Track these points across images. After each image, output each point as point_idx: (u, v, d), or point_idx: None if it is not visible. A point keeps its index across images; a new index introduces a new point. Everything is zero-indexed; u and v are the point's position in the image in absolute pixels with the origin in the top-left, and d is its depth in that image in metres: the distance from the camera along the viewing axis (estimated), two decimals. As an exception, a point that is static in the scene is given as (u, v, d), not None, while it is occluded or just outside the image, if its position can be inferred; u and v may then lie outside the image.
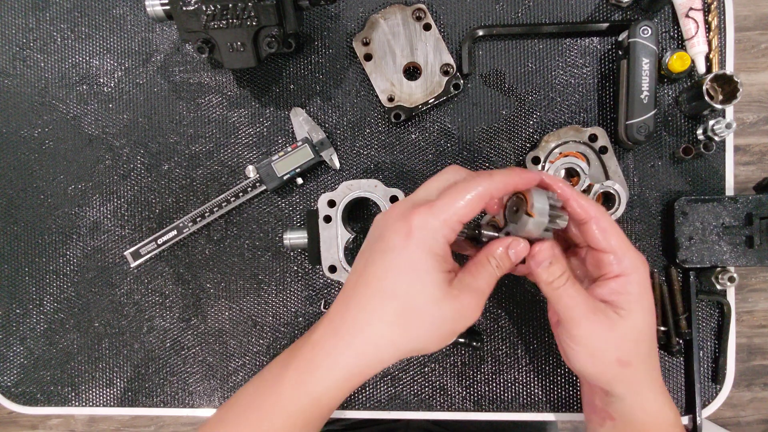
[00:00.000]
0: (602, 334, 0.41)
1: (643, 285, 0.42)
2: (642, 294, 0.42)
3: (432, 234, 0.37)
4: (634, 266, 0.41)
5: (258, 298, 0.61)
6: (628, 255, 0.41)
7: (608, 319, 0.41)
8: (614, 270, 0.42)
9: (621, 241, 0.42)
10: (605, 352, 0.42)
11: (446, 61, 0.57)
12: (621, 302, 0.41)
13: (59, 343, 0.62)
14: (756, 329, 1.51)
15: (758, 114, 1.51)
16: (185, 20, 0.51)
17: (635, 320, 0.41)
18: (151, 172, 0.61)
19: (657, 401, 0.44)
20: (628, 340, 0.42)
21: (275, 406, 0.40)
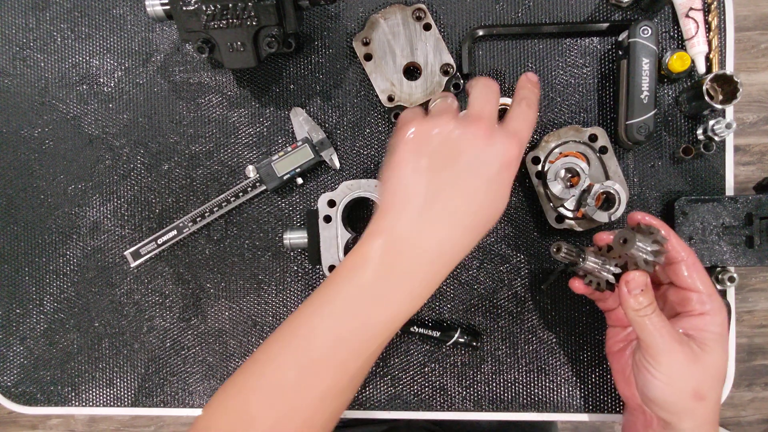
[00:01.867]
0: (684, 364, 0.43)
1: (724, 326, 0.44)
2: (723, 334, 0.44)
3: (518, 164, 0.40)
4: (719, 308, 0.44)
5: (258, 298, 0.61)
6: (713, 297, 0.45)
7: (692, 352, 0.43)
8: (699, 309, 0.45)
9: (708, 282, 0.45)
10: (684, 383, 0.43)
11: (446, 61, 0.57)
12: (704, 338, 0.44)
13: (59, 343, 0.62)
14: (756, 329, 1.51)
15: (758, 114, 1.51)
16: (185, 20, 0.51)
17: (716, 357, 0.43)
18: (151, 172, 0.61)
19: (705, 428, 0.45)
20: (708, 376, 0.43)
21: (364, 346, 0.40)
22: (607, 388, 0.59)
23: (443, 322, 0.60)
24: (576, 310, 0.59)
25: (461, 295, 0.59)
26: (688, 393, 0.43)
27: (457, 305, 0.59)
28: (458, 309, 0.60)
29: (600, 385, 0.59)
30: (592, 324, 0.59)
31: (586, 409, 0.59)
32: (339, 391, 0.40)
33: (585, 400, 0.59)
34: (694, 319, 0.45)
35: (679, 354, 0.42)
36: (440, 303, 0.60)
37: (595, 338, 0.59)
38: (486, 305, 0.59)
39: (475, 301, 0.59)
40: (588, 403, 0.59)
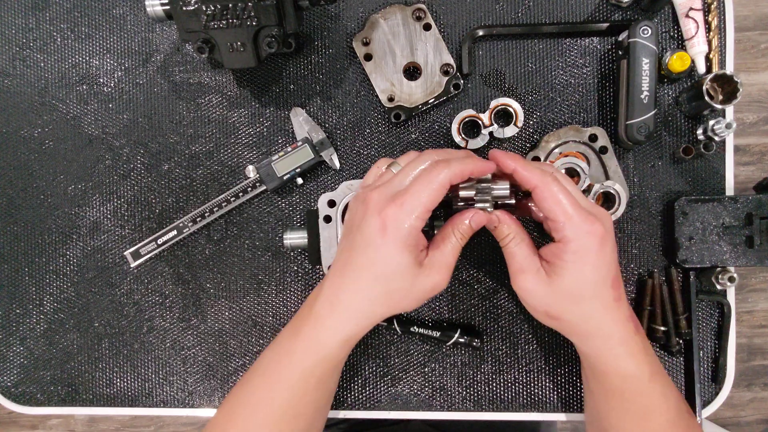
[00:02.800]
0: (531, 289, 0.46)
1: (580, 253, 0.44)
2: (576, 261, 0.44)
3: (405, 230, 0.43)
4: (573, 235, 0.43)
5: (258, 298, 0.61)
6: (570, 222, 0.43)
7: (537, 277, 0.46)
8: (557, 235, 0.44)
9: (562, 208, 0.43)
10: (535, 305, 0.47)
11: (446, 61, 0.57)
12: (555, 264, 0.45)
13: (59, 343, 0.62)
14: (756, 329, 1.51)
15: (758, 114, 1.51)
16: (185, 20, 0.51)
17: (564, 282, 0.44)
18: (151, 172, 0.61)
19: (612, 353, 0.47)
20: (556, 299, 0.45)
21: (290, 366, 0.48)
22: (607, 388, 0.59)
23: (443, 322, 0.60)
24: (576, 310, 0.59)
25: (461, 295, 0.59)
26: (541, 313, 0.48)
27: (457, 305, 0.59)
28: (458, 309, 0.60)
29: (600, 385, 0.59)
30: (592, 324, 0.59)
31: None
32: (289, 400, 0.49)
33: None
34: (552, 246, 0.45)
35: (524, 279, 0.46)
36: (440, 303, 0.60)
37: (595, 338, 0.59)
38: (486, 305, 0.59)
39: (475, 301, 0.59)
40: (588, 403, 0.59)
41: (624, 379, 0.47)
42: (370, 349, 0.60)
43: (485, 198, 0.46)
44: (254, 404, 0.49)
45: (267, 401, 0.49)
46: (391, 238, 0.43)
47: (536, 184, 0.44)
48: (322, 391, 0.50)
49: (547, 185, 0.43)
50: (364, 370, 0.60)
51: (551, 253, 0.45)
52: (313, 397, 0.49)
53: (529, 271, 0.46)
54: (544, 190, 0.43)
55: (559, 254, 0.44)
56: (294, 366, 0.48)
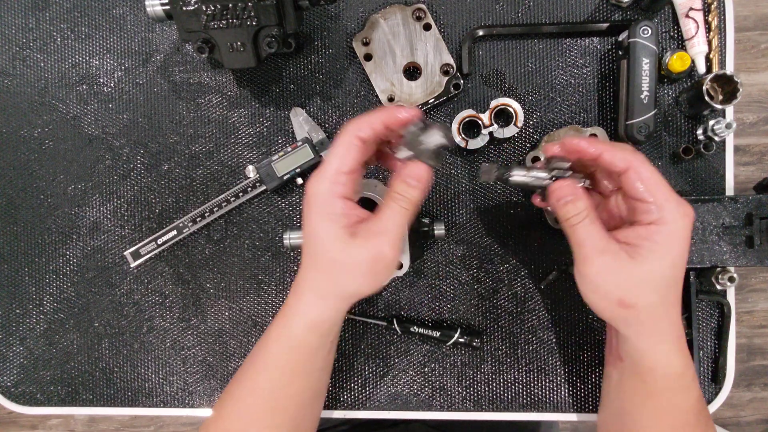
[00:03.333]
0: (608, 273, 0.42)
1: (674, 236, 0.41)
2: (669, 244, 0.41)
3: (323, 198, 0.42)
4: (671, 217, 0.41)
5: (258, 298, 0.61)
6: (664, 206, 0.41)
7: (617, 260, 0.42)
8: (646, 218, 0.42)
9: (660, 191, 0.42)
10: (609, 291, 0.43)
11: (446, 61, 0.57)
12: (642, 247, 0.42)
13: (59, 343, 0.62)
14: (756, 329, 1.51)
15: (758, 114, 1.51)
16: (185, 20, 0.51)
17: (650, 266, 0.41)
18: (151, 172, 0.61)
19: (663, 350, 0.44)
20: (636, 284, 0.42)
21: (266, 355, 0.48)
22: (607, 388, 0.59)
23: (443, 322, 0.60)
24: (576, 310, 0.59)
25: (461, 295, 0.59)
26: (612, 301, 0.43)
27: (457, 305, 0.59)
28: (458, 309, 0.60)
29: (600, 385, 0.59)
30: (592, 324, 0.59)
31: (585, 409, 0.59)
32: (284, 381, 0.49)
33: (585, 400, 0.59)
34: (640, 229, 0.43)
35: (602, 263, 0.42)
36: (440, 303, 0.60)
37: (595, 338, 0.59)
38: (486, 305, 0.59)
39: (475, 301, 0.59)
40: (588, 403, 0.59)
41: (672, 377, 0.45)
42: (370, 349, 0.60)
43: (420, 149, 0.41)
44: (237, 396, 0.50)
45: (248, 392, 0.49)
46: (312, 210, 0.42)
47: (630, 164, 0.42)
48: (300, 384, 0.49)
49: (644, 165, 0.42)
50: (364, 370, 0.60)
51: (636, 236, 0.42)
52: (293, 390, 0.49)
53: (609, 252, 0.42)
54: (641, 170, 0.42)
55: (650, 236, 0.42)
56: (269, 354, 0.48)
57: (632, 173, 0.42)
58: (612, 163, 0.43)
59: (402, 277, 0.59)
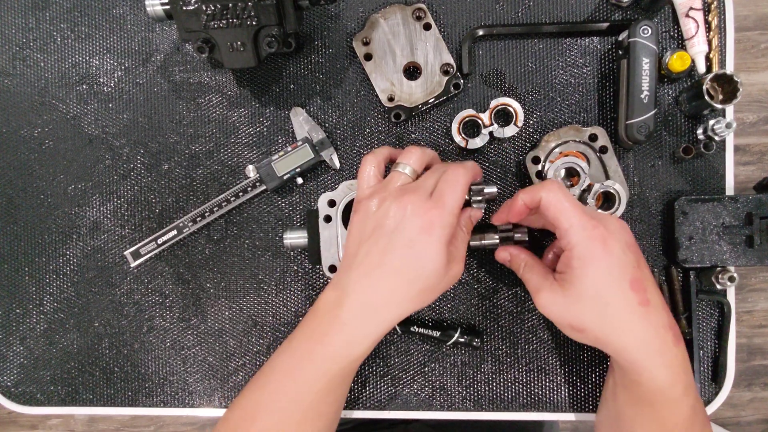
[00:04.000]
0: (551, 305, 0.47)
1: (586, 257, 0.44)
2: (583, 267, 0.44)
3: (448, 229, 0.45)
4: (576, 239, 0.44)
5: (258, 298, 0.61)
6: (572, 228, 0.44)
7: (553, 293, 0.46)
8: (563, 243, 0.45)
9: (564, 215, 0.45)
10: (558, 320, 0.47)
11: (446, 60, 0.57)
12: (567, 275, 0.45)
13: (59, 343, 0.62)
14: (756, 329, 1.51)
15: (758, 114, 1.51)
16: (185, 20, 0.51)
17: (577, 291, 0.45)
18: (151, 171, 0.61)
19: (644, 365, 0.45)
20: (575, 309, 0.45)
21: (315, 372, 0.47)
22: (607, 387, 0.59)
23: (443, 322, 0.60)
24: (576, 309, 0.59)
25: (461, 295, 0.59)
26: (566, 328, 0.47)
27: (457, 305, 0.59)
28: (458, 309, 0.60)
29: (600, 385, 0.59)
30: (592, 324, 0.59)
31: (586, 409, 0.59)
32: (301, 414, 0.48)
33: (585, 399, 0.59)
34: (563, 256, 0.46)
35: (542, 298, 0.47)
36: (440, 303, 0.60)
37: (595, 338, 0.59)
38: (486, 305, 0.59)
39: (475, 301, 0.59)
40: (588, 403, 0.59)
41: (657, 391, 0.45)
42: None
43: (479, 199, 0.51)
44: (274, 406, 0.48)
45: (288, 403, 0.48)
46: (436, 237, 0.45)
47: (541, 194, 0.45)
48: (344, 388, 0.50)
49: (551, 193, 0.45)
50: (364, 370, 0.60)
51: (562, 264, 0.46)
52: (336, 396, 0.50)
53: (542, 288, 0.47)
54: (548, 198, 0.45)
55: (568, 262, 0.45)
56: (320, 371, 0.47)
57: (543, 203, 0.46)
58: (530, 200, 0.47)
59: (402, 277, 0.59)
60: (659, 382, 0.45)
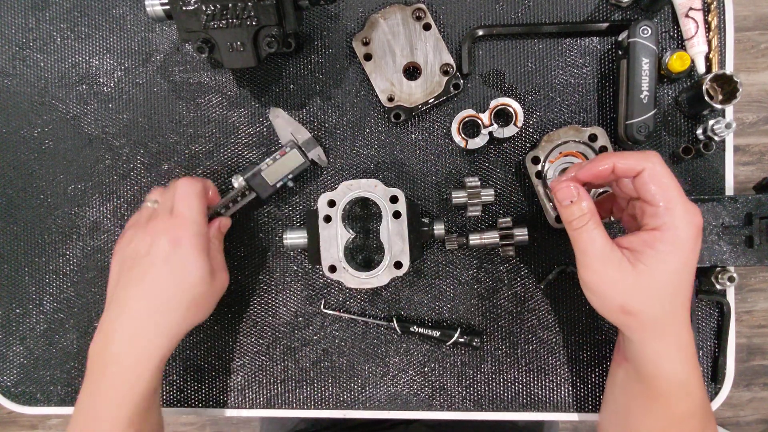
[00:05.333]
0: (611, 281, 0.42)
1: (678, 243, 0.41)
2: (671, 251, 0.41)
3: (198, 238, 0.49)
4: (675, 223, 0.40)
5: (258, 298, 0.61)
6: (673, 210, 0.40)
7: (620, 269, 0.42)
8: (654, 222, 0.41)
9: (670, 196, 0.41)
10: (611, 299, 0.43)
11: (446, 60, 0.57)
12: (644, 254, 0.41)
13: (59, 343, 0.62)
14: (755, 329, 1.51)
15: (758, 114, 1.51)
16: (185, 20, 0.51)
17: (651, 274, 0.41)
18: (150, 171, 0.61)
19: (667, 357, 0.44)
20: (638, 292, 0.42)
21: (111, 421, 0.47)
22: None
23: (443, 322, 0.60)
24: (576, 310, 0.59)
25: (461, 295, 0.59)
26: (614, 308, 0.43)
27: (457, 305, 0.60)
28: (458, 309, 0.60)
29: (600, 385, 0.59)
30: (592, 324, 0.59)
31: (585, 409, 0.59)
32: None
33: (585, 400, 0.59)
34: (644, 235, 0.42)
35: (603, 271, 0.42)
36: (440, 303, 0.60)
37: (595, 338, 0.59)
38: (486, 305, 0.59)
39: (475, 301, 0.59)
40: (588, 403, 0.59)
41: (675, 383, 0.45)
42: (370, 348, 0.60)
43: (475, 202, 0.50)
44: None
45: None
46: (187, 246, 0.48)
47: (646, 165, 0.41)
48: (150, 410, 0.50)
49: (658, 165, 0.41)
50: (363, 370, 0.60)
51: (640, 242, 0.42)
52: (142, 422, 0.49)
53: (611, 259, 0.42)
54: (655, 170, 0.41)
55: (653, 243, 0.41)
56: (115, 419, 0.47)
57: (646, 174, 0.41)
58: (627, 169, 0.42)
59: (402, 277, 0.59)
60: (678, 375, 0.44)
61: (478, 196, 0.52)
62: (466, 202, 0.54)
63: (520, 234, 0.54)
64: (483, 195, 0.53)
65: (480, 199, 0.53)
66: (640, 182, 0.42)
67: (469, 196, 0.53)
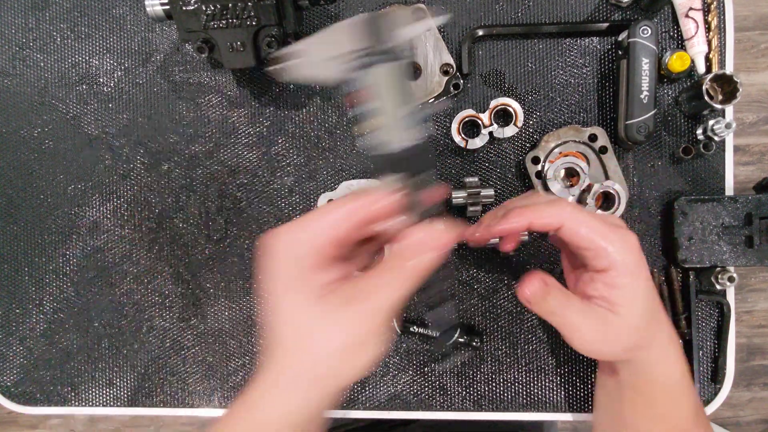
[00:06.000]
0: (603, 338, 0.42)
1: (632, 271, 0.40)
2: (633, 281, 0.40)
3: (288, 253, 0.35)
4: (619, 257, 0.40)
5: (258, 298, 0.61)
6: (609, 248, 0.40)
7: (605, 322, 0.41)
8: (599, 264, 0.41)
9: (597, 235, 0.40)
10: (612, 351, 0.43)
11: (446, 60, 0.57)
12: (615, 297, 0.41)
13: (59, 343, 0.62)
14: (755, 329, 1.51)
15: (758, 114, 1.51)
16: (185, 20, 0.51)
17: (631, 309, 0.41)
18: (150, 171, 0.61)
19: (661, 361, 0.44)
20: (630, 330, 0.41)
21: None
22: (606, 387, 0.59)
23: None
24: (576, 310, 0.59)
25: (461, 295, 0.59)
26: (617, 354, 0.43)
27: (457, 305, 0.59)
28: (458, 309, 0.60)
29: (600, 385, 0.59)
30: (591, 324, 0.59)
31: (585, 409, 0.59)
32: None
33: (584, 400, 0.59)
34: (600, 277, 0.41)
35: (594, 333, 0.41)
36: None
37: (595, 338, 0.59)
38: (486, 305, 0.59)
39: (474, 301, 0.59)
40: (587, 403, 0.59)
41: (669, 386, 0.45)
42: (370, 349, 0.60)
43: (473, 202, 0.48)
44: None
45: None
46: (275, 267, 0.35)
47: (562, 221, 0.40)
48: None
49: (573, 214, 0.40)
50: (363, 370, 0.60)
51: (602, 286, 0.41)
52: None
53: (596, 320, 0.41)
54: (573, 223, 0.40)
55: (614, 283, 0.40)
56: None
57: (566, 229, 0.41)
58: (544, 226, 0.41)
59: (402, 277, 0.59)
60: (674, 374, 0.45)
61: (478, 196, 0.53)
62: (466, 202, 0.54)
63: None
64: (483, 195, 0.53)
65: (480, 199, 0.53)
66: (566, 235, 0.41)
67: (469, 196, 0.53)
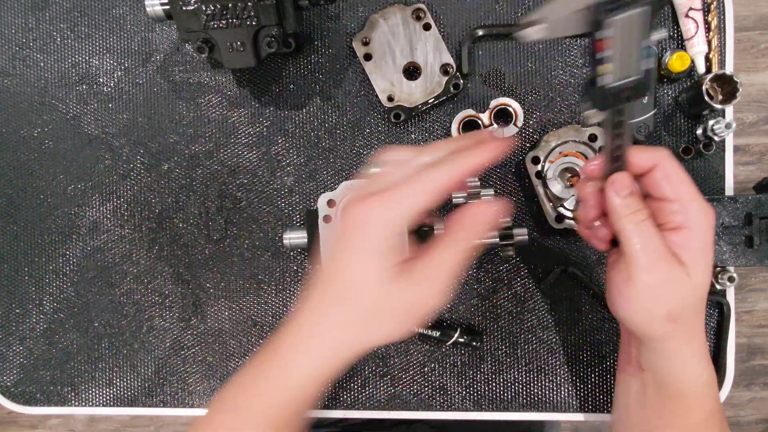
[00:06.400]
0: (663, 287, 0.39)
1: (707, 240, 0.39)
2: (705, 250, 0.39)
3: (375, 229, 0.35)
4: (699, 219, 0.38)
5: (258, 298, 0.61)
6: (693, 205, 0.38)
7: (673, 274, 0.38)
8: (674, 220, 0.39)
9: (687, 190, 0.39)
10: (658, 306, 0.39)
11: (446, 60, 0.57)
12: (685, 258, 0.39)
13: (59, 343, 0.62)
14: (756, 329, 1.51)
15: (758, 114, 1.51)
16: (185, 20, 0.51)
17: (697, 278, 0.39)
18: (150, 171, 0.61)
19: (693, 361, 0.42)
20: (685, 295, 0.39)
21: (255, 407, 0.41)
22: (607, 388, 0.59)
23: (443, 321, 0.60)
24: (576, 310, 0.59)
25: (461, 295, 0.59)
26: (661, 316, 0.39)
27: (457, 305, 0.60)
28: (458, 309, 0.60)
29: (600, 385, 0.59)
30: (591, 324, 0.59)
31: (586, 409, 0.59)
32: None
33: (585, 400, 0.59)
34: (671, 235, 0.39)
35: (659, 275, 0.38)
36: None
37: (595, 338, 0.59)
38: (486, 305, 0.59)
39: (475, 301, 0.59)
40: (588, 403, 0.59)
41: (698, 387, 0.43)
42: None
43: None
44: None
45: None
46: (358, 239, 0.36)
47: (656, 161, 0.39)
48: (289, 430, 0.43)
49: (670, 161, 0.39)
50: (363, 369, 0.60)
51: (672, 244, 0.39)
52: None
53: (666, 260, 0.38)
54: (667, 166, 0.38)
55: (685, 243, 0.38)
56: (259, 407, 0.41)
57: (658, 171, 0.39)
58: (638, 164, 0.39)
59: (402, 277, 0.59)
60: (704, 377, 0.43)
61: (478, 196, 0.53)
62: (466, 202, 0.54)
63: (519, 234, 0.54)
64: (483, 195, 0.53)
65: (480, 199, 0.53)
66: (654, 180, 0.39)
67: (469, 196, 0.53)
